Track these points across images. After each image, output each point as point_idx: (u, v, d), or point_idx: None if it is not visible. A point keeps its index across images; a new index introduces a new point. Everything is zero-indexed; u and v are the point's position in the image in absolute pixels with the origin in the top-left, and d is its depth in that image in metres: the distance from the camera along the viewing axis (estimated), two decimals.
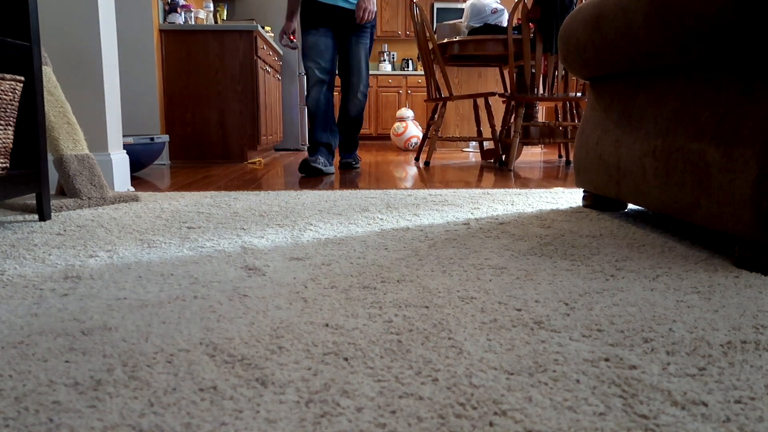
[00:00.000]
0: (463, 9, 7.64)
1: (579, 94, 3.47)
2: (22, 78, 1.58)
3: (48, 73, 2.00)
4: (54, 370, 0.69)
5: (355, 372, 0.69)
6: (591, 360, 0.72)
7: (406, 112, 5.99)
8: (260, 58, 4.32)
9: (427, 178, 3.06)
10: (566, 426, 0.57)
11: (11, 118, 1.56)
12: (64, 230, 1.56)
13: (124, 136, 3.17)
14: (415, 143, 5.76)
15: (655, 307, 0.93)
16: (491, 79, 5.96)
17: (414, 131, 5.79)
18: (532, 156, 4.85)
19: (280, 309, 0.92)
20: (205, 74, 4.16)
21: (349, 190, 2.46)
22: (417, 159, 4.28)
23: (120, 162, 2.50)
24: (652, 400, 0.62)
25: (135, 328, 0.83)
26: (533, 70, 3.54)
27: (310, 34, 3.25)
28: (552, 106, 6.30)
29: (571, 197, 2.24)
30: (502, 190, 2.48)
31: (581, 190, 2.48)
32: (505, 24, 3.78)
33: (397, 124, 5.89)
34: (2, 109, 1.51)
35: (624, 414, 0.59)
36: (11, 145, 1.58)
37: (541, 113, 6.20)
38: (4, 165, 1.55)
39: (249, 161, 4.17)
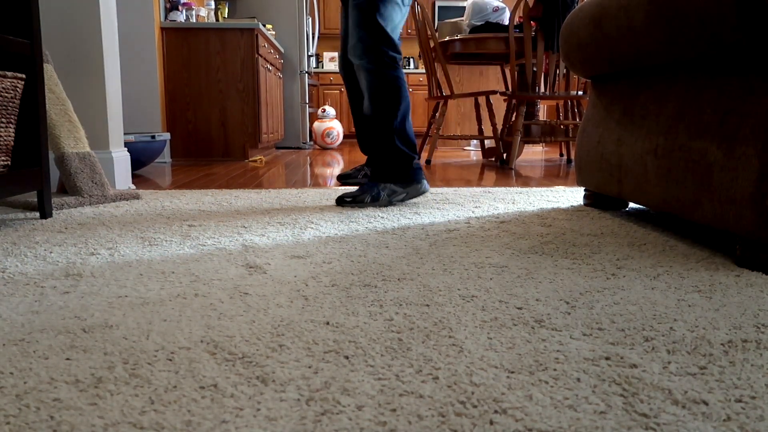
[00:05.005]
0: (464, 7, 7.63)
1: (580, 93, 3.47)
2: (24, 75, 1.58)
3: (49, 70, 2.00)
4: (55, 367, 0.69)
5: (356, 370, 0.69)
6: (592, 359, 0.72)
7: (331, 110, 5.98)
8: (261, 56, 4.31)
9: (429, 176, 3.06)
10: (567, 424, 0.57)
11: (12, 116, 1.56)
12: (66, 228, 1.56)
13: (125, 134, 3.18)
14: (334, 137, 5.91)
15: (656, 305, 0.93)
16: (492, 78, 5.96)
17: (337, 128, 5.94)
18: (534, 154, 4.85)
19: (280, 307, 0.92)
20: (206, 72, 4.16)
21: (350, 188, 2.46)
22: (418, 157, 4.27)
23: (121, 160, 2.50)
24: (653, 399, 0.62)
25: (136, 326, 0.83)
26: (535, 69, 3.54)
27: None
28: (553, 104, 6.30)
29: (573, 196, 2.24)
30: (503, 188, 2.48)
31: (582, 188, 2.47)
32: (506, 22, 3.77)
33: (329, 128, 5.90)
34: (4, 107, 1.51)
35: (624, 413, 0.59)
36: (12, 143, 1.58)
37: (543, 112, 6.19)
38: (6, 163, 1.55)
39: (250, 159, 4.17)
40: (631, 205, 1.99)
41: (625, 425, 0.57)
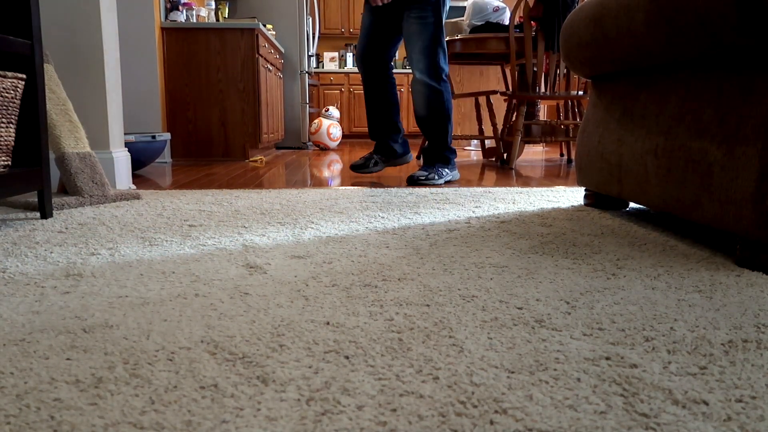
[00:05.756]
0: (464, 7, 7.63)
1: (581, 93, 3.47)
2: (24, 76, 1.58)
3: (50, 70, 2.00)
4: (55, 367, 0.69)
5: (356, 370, 0.69)
6: (592, 359, 0.72)
7: (335, 112, 5.80)
8: (262, 56, 4.31)
9: None
10: (567, 424, 0.57)
11: (13, 116, 1.56)
12: (66, 228, 1.56)
13: (125, 134, 3.18)
14: (322, 148, 5.67)
15: (657, 305, 0.93)
16: (493, 78, 5.96)
17: (323, 135, 5.63)
18: (534, 154, 4.85)
19: (281, 307, 0.92)
20: (206, 72, 4.16)
21: (350, 188, 2.46)
22: (418, 157, 4.28)
23: (121, 160, 2.50)
24: (653, 399, 0.62)
25: (136, 326, 0.83)
26: (535, 69, 3.54)
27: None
28: (554, 104, 6.29)
29: (573, 196, 2.23)
30: (503, 188, 2.48)
31: (583, 188, 2.47)
32: (506, 22, 3.77)
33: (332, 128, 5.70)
34: (4, 107, 1.51)
35: (625, 413, 0.59)
36: (13, 143, 1.58)
37: (543, 112, 6.19)
38: (6, 163, 1.55)
39: (250, 159, 4.18)
40: (632, 205, 1.99)
41: (625, 425, 0.57)
